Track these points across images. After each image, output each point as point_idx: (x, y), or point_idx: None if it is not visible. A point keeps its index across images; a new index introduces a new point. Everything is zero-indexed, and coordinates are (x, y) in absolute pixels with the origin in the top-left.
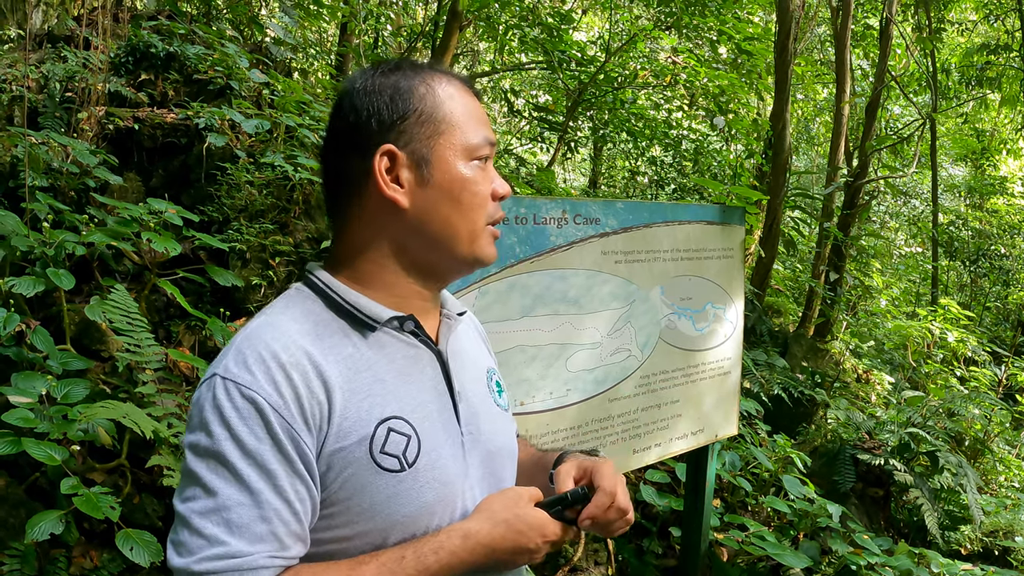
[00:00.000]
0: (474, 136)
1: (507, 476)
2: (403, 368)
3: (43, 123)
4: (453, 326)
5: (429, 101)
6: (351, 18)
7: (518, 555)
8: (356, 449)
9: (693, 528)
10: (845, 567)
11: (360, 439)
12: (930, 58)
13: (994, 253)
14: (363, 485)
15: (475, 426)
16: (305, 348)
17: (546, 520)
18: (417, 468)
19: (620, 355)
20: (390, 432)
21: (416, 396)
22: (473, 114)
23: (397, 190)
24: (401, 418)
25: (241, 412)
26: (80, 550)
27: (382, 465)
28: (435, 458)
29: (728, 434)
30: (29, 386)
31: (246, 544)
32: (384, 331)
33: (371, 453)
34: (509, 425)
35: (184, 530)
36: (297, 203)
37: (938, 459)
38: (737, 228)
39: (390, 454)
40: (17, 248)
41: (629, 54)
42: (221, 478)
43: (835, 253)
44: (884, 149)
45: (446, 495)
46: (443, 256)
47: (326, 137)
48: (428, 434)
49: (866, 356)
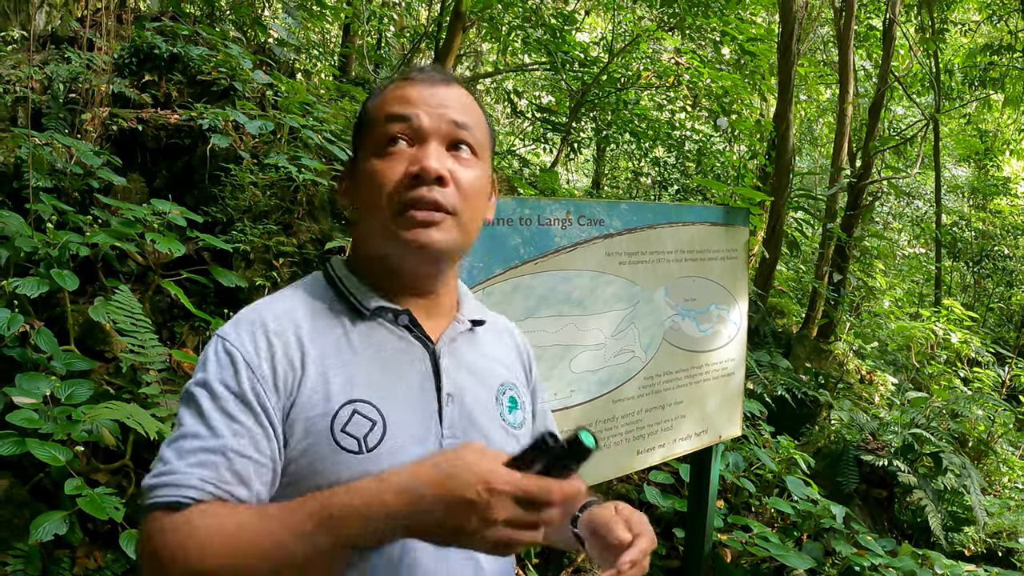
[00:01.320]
0: (379, 125)
1: None
2: (388, 359)
3: (47, 124)
4: (460, 330)
5: (367, 108)
6: (354, 19)
7: (453, 509)
8: (319, 421)
9: (697, 529)
10: (849, 568)
11: (323, 413)
12: (933, 59)
13: (997, 254)
14: (321, 458)
15: (463, 431)
16: (295, 322)
17: (496, 468)
18: (377, 454)
19: (624, 356)
20: (355, 414)
21: (394, 387)
22: (390, 101)
23: (346, 199)
24: (370, 403)
25: (220, 362)
26: (84, 550)
27: (340, 443)
28: (398, 450)
29: (732, 435)
30: (33, 387)
31: (185, 465)
32: (379, 321)
33: (331, 429)
34: (512, 445)
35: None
36: (301, 204)
37: (942, 460)
38: (741, 229)
39: (350, 434)
40: (21, 249)
41: (632, 55)
42: (188, 414)
43: (838, 254)
44: (887, 150)
45: None
46: (375, 248)
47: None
48: (397, 425)
49: (869, 357)
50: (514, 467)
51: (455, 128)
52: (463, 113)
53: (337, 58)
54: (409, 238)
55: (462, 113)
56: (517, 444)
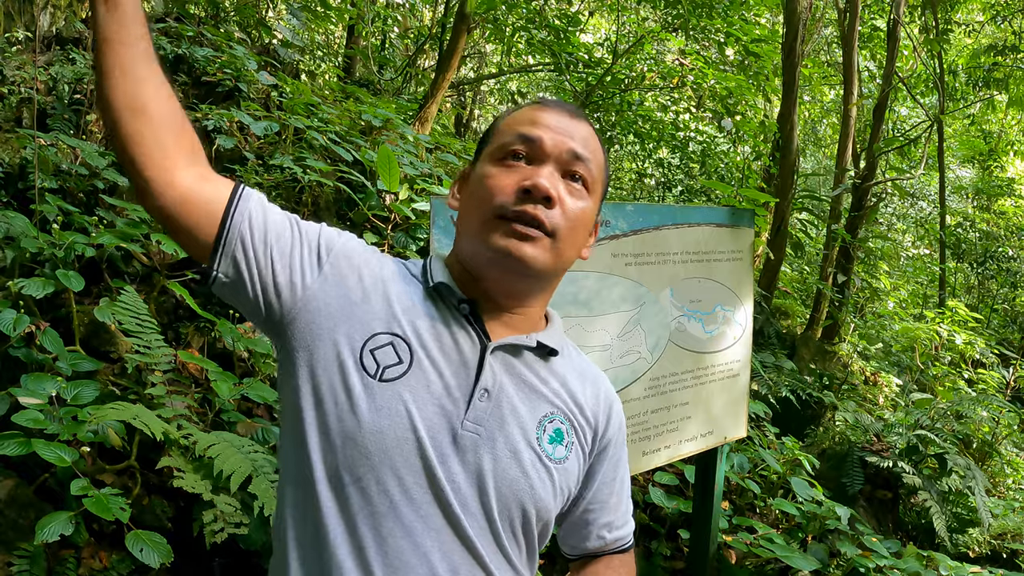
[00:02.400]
0: (506, 137)
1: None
2: (441, 330)
3: (52, 125)
4: (525, 343)
5: (497, 123)
6: (358, 20)
7: None
8: (360, 328)
9: (702, 530)
10: (853, 570)
11: (365, 324)
12: (937, 59)
13: (1002, 255)
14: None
15: (487, 431)
16: (392, 266)
17: None
18: (384, 388)
19: (630, 357)
20: (391, 344)
21: (435, 350)
22: (520, 120)
23: (455, 199)
24: (408, 345)
25: (328, 230)
26: (89, 551)
27: (362, 360)
28: (408, 397)
29: (737, 436)
30: (39, 387)
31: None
32: (445, 303)
33: (364, 344)
34: (541, 472)
35: None
36: (306, 205)
37: (946, 461)
38: (746, 230)
39: (375, 358)
40: (27, 250)
41: (636, 56)
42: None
43: (843, 255)
44: (891, 151)
45: (400, 435)
46: (466, 248)
47: None
48: (419, 378)
49: (874, 358)
50: None
51: (574, 159)
52: (584, 146)
53: (341, 59)
54: (501, 244)
55: (583, 146)
56: (548, 476)
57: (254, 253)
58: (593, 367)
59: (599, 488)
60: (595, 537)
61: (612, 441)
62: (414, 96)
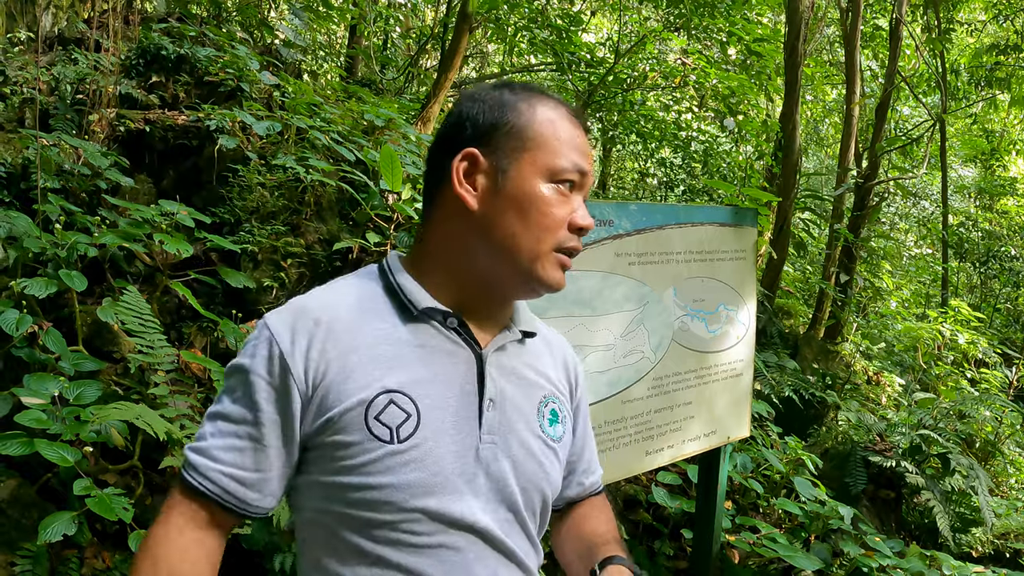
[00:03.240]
0: (561, 159)
1: (529, 505)
2: (432, 358)
3: (54, 125)
4: (511, 339)
5: (525, 118)
6: (360, 20)
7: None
8: (354, 408)
9: (705, 530)
10: (857, 569)
11: (360, 401)
12: (939, 59)
13: (1004, 254)
14: (352, 443)
15: (501, 437)
16: (340, 313)
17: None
18: (407, 447)
19: (633, 357)
20: (391, 403)
21: (434, 385)
22: (567, 139)
23: (468, 190)
24: (407, 395)
25: (256, 347)
26: (92, 551)
27: (373, 431)
28: (431, 447)
29: (740, 436)
30: (42, 387)
31: (217, 446)
32: (428, 321)
33: (366, 416)
34: (550, 456)
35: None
36: (309, 205)
37: (949, 461)
38: (749, 230)
39: (384, 423)
40: (29, 250)
41: (638, 55)
42: (227, 393)
43: (845, 254)
44: (894, 150)
45: (433, 483)
46: (502, 266)
47: (435, 137)
48: (432, 422)
49: (876, 358)
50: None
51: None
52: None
53: (344, 59)
54: (556, 278)
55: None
56: (555, 456)
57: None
58: (551, 331)
59: (576, 441)
60: (575, 484)
61: (581, 397)
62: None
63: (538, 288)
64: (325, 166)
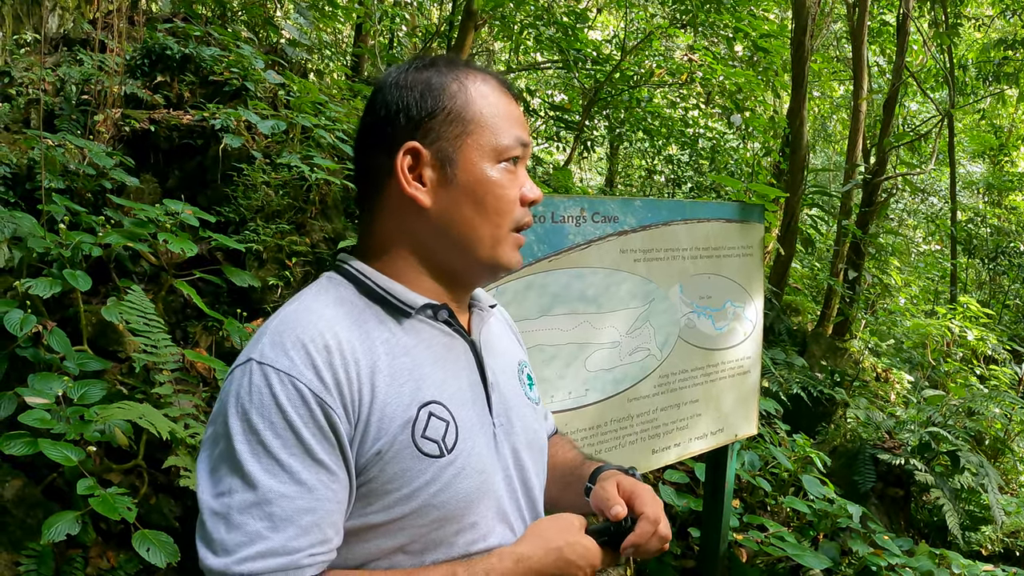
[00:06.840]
0: (504, 137)
1: (536, 472)
2: (439, 355)
3: (59, 125)
4: (485, 318)
5: (460, 99)
6: (366, 19)
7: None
8: (400, 433)
9: (712, 528)
10: (865, 568)
11: (404, 423)
12: (947, 54)
13: (1013, 250)
14: (404, 470)
15: (506, 418)
16: (343, 333)
17: (596, 549)
18: (456, 455)
19: (639, 354)
20: (431, 416)
21: (452, 383)
22: (505, 114)
23: (419, 188)
24: (440, 403)
25: (279, 399)
26: (97, 551)
27: (423, 450)
28: (471, 446)
29: (748, 434)
30: (46, 387)
31: (290, 539)
32: (418, 319)
33: (413, 437)
34: (539, 419)
35: (221, 526)
36: (314, 203)
37: (959, 459)
38: (756, 226)
39: (430, 439)
40: (34, 250)
41: (645, 52)
42: (263, 469)
43: (853, 251)
44: (902, 146)
45: (483, 485)
46: (464, 259)
47: (358, 131)
48: (464, 421)
49: (885, 355)
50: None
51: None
52: None
53: (349, 58)
54: (515, 259)
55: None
56: (541, 416)
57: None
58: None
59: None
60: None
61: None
62: None
63: (500, 272)
64: (330, 164)
